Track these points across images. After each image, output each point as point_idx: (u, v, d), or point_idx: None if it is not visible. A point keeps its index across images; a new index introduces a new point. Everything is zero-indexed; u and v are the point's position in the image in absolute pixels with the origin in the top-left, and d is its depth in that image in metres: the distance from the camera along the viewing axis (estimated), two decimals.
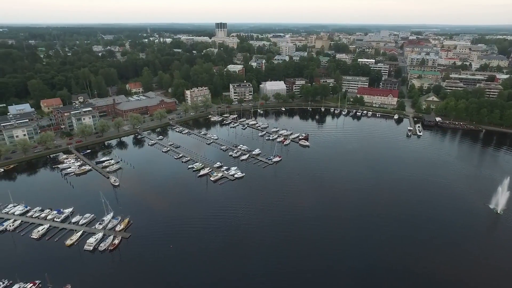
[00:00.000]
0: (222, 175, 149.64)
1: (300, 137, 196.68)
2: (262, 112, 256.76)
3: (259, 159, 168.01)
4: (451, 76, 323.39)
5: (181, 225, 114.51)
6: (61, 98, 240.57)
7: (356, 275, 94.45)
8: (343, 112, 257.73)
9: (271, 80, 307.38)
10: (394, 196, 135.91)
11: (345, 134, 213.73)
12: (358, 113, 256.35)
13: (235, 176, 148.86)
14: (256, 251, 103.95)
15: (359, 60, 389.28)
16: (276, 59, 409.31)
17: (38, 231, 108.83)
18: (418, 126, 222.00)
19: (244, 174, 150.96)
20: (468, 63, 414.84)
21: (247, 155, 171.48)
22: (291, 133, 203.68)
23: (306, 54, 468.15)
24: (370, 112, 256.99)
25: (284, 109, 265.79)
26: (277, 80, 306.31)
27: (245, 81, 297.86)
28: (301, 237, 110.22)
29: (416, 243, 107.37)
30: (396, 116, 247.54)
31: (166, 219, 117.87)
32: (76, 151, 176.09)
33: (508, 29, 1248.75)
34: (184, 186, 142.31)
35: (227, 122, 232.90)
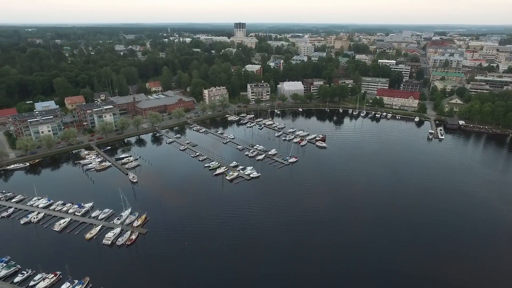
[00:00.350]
0: (238, 174, 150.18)
1: (317, 138, 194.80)
2: (279, 112, 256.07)
3: (275, 160, 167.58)
4: (476, 78, 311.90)
5: (196, 223, 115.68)
6: (84, 95, 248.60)
7: (372, 281, 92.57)
8: (362, 114, 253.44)
9: (288, 81, 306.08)
10: (414, 200, 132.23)
11: (363, 136, 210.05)
12: (377, 115, 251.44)
13: (250, 175, 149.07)
14: (270, 251, 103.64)
15: (379, 61, 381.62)
16: (294, 59, 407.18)
17: (60, 224, 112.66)
18: (440, 129, 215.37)
19: (259, 174, 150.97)
20: (495, 65, 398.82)
21: (263, 155, 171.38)
22: (308, 134, 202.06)
23: (325, 54, 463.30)
24: (390, 114, 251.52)
25: (301, 110, 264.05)
26: (295, 81, 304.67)
27: (262, 81, 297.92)
28: (316, 239, 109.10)
29: (437, 250, 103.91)
30: (416, 119, 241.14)
31: (182, 217, 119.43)
32: (97, 147, 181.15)
33: None
34: (200, 185, 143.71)
35: (244, 121, 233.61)
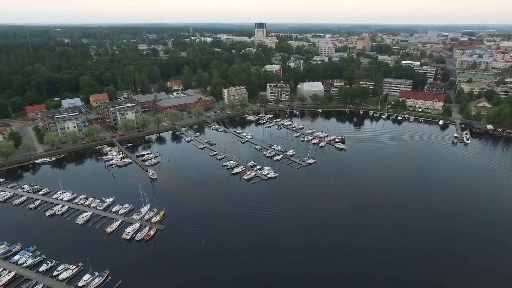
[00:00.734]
0: (255, 174, 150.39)
1: (336, 140, 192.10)
2: (298, 113, 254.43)
3: (292, 160, 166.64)
4: (506, 80, 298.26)
5: (213, 221, 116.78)
6: (108, 93, 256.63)
7: (390, 286, 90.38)
8: (383, 116, 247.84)
9: (308, 81, 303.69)
10: (437, 206, 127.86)
11: (384, 138, 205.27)
12: (399, 117, 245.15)
13: (268, 176, 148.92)
14: (285, 251, 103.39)
15: (402, 62, 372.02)
16: (314, 59, 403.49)
17: (82, 218, 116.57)
18: (466, 133, 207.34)
19: (277, 174, 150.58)
20: None
21: (281, 156, 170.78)
22: (327, 135, 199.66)
23: (346, 55, 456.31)
24: (413, 117, 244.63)
25: (320, 111, 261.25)
26: (314, 81, 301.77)
27: (282, 81, 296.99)
28: (332, 241, 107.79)
29: (460, 260, 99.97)
30: (441, 122, 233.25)
31: (199, 214, 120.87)
32: (119, 144, 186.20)
33: None
34: (218, 183, 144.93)
35: (263, 121, 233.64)
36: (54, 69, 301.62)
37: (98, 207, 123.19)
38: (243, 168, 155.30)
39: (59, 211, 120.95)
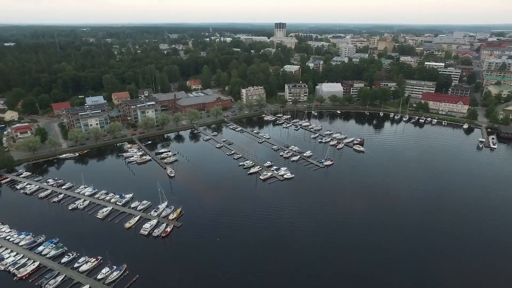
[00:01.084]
0: (272, 174, 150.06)
1: (355, 142, 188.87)
2: (316, 114, 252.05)
3: (310, 161, 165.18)
4: None
5: (229, 220, 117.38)
6: (129, 91, 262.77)
7: None
8: (404, 118, 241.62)
9: (327, 82, 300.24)
10: (460, 212, 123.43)
11: (405, 141, 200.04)
12: (421, 120, 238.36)
13: (284, 176, 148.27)
14: (300, 251, 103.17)
15: (426, 63, 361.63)
16: (334, 60, 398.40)
17: (103, 212, 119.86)
18: (492, 138, 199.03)
19: (293, 175, 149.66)
20: None
21: (298, 157, 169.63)
22: (345, 137, 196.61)
23: (367, 56, 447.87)
24: (435, 120, 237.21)
25: (339, 112, 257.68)
26: (334, 82, 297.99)
27: (301, 81, 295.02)
28: (348, 243, 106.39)
29: (484, 270, 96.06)
30: (465, 126, 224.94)
31: (215, 213, 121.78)
32: (139, 141, 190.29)
33: None
34: (234, 182, 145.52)
35: (280, 122, 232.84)
36: (79, 68, 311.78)
37: (117, 203, 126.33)
38: (260, 168, 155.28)
39: (81, 205, 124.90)
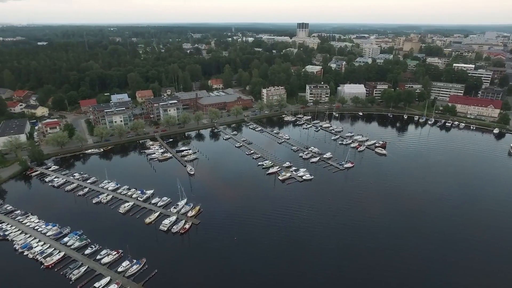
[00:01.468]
0: (291, 175, 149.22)
1: (377, 145, 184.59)
2: (337, 115, 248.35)
3: (329, 163, 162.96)
4: None
5: (247, 218, 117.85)
6: (152, 90, 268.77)
7: None
8: (429, 122, 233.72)
9: (350, 83, 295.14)
10: (487, 222, 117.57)
11: (430, 145, 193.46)
12: (447, 124, 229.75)
13: (303, 177, 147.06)
14: (317, 252, 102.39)
15: (454, 65, 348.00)
16: (357, 61, 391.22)
17: (124, 207, 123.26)
18: None
19: (313, 176, 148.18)
20: None
21: (318, 158, 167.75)
22: (367, 140, 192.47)
23: (391, 56, 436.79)
24: (463, 124, 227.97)
25: (361, 114, 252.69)
26: (356, 83, 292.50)
27: (322, 82, 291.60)
28: (366, 247, 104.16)
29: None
30: (496, 130, 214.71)
31: (233, 211, 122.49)
32: (161, 139, 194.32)
33: None
34: (253, 182, 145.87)
35: (300, 123, 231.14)
36: (105, 66, 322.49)
37: (139, 198, 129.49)
38: (279, 169, 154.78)
39: (104, 199, 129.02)
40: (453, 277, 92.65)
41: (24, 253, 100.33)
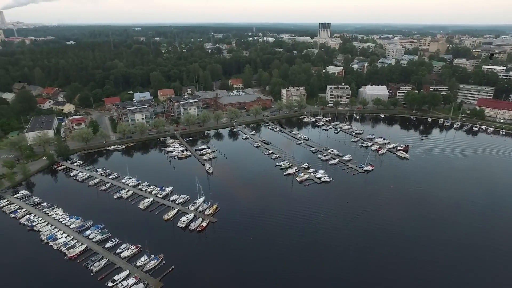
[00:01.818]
0: (309, 176, 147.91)
1: (399, 148, 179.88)
2: (358, 117, 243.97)
3: (349, 166, 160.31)
4: None
5: (263, 218, 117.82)
6: (174, 89, 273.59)
7: None
8: (455, 125, 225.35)
9: (372, 84, 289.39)
10: None
11: (455, 150, 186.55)
12: (474, 128, 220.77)
13: (321, 179, 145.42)
14: (334, 255, 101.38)
15: (483, 67, 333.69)
16: (380, 62, 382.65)
17: (144, 203, 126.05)
18: None
19: (331, 178, 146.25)
20: None
21: (337, 160, 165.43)
22: (388, 142, 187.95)
23: (416, 58, 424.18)
24: (492, 128, 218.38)
25: (383, 116, 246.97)
26: (378, 85, 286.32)
27: (343, 83, 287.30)
28: (385, 252, 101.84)
29: None
30: None
31: (250, 211, 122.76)
32: (181, 137, 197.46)
33: None
34: (270, 182, 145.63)
35: (320, 124, 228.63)
36: (129, 65, 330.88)
37: (158, 195, 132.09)
38: (297, 170, 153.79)
39: (125, 195, 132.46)
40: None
41: (49, 244, 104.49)
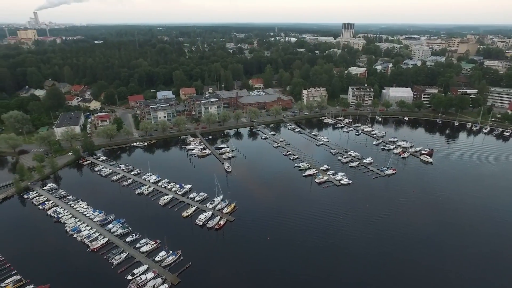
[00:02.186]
0: (328, 178, 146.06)
1: (422, 152, 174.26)
2: (380, 119, 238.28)
3: (370, 169, 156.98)
4: None
5: (281, 219, 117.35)
6: (195, 88, 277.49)
7: None
8: (484, 130, 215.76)
9: (396, 86, 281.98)
10: None
11: (483, 155, 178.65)
12: (505, 133, 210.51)
13: (341, 182, 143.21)
14: (352, 258, 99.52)
15: None
16: (405, 63, 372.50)
17: (164, 200, 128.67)
18: None
19: (351, 181, 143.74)
20: None
21: (357, 163, 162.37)
22: (412, 146, 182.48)
23: (443, 59, 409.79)
24: None
25: (406, 119, 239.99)
26: (403, 87, 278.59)
27: (366, 84, 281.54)
28: (405, 257, 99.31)
29: None
30: None
31: (267, 211, 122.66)
32: (201, 135, 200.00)
33: None
34: (289, 183, 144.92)
35: (341, 125, 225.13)
36: (153, 64, 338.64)
37: (177, 192, 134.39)
38: (316, 171, 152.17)
39: (146, 191, 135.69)
40: None
41: (74, 236, 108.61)
